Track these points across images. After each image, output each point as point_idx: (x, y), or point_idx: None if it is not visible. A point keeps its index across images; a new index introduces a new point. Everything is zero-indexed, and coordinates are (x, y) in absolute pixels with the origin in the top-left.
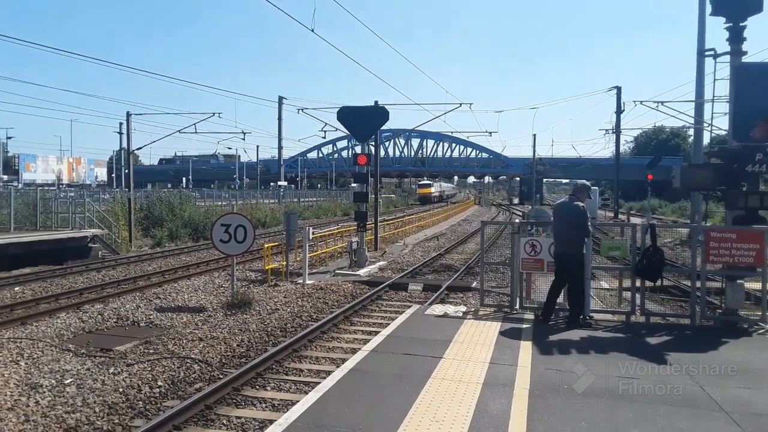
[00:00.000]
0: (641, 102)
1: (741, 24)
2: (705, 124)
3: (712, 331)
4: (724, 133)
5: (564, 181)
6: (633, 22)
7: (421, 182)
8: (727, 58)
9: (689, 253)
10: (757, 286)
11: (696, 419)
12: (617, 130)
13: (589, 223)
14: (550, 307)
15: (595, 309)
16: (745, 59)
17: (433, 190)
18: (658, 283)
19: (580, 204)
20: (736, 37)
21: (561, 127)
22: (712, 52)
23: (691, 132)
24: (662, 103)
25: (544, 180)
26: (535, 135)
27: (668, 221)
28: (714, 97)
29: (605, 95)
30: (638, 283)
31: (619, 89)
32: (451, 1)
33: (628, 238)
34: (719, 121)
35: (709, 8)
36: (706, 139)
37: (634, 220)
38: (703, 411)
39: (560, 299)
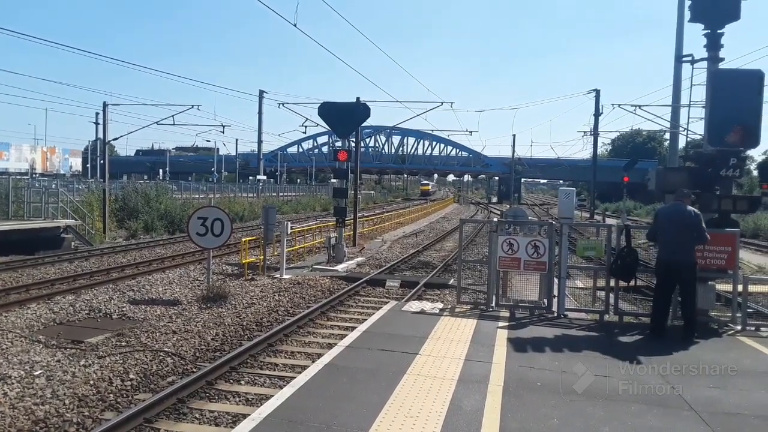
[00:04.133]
0: (619, 105)
1: (718, 31)
2: (681, 129)
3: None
4: (699, 137)
5: (542, 181)
6: (613, 26)
7: (422, 182)
8: (705, 64)
9: None
10: (728, 287)
11: (666, 418)
12: (595, 133)
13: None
14: (663, 320)
15: (570, 308)
16: (722, 65)
17: (429, 188)
18: (632, 283)
19: (695, 209)
20: (713, 44)
21: (540, 128)
22: (689, 58)
23: (667, 136)
24: (640, 107)
25: (523, 180)
26: (514, 135)
27: (643, 223)
28: (690, 102)
29: (584, 98)
30: (612, 283)
31: (597, 92)
32: (435, 2)
33: (604, 238)
34: (695, 126)
35: (687, 15)
36: (682, 143)
37: (610, 221)
38: (673, 410)
39: (534, 296)
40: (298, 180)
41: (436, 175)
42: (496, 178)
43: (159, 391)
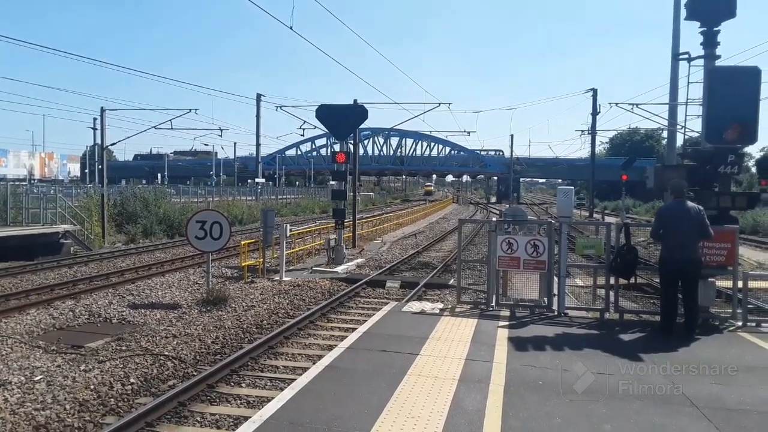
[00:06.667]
0: (617, 104)
1: (715, 28)
2: (678, 126)
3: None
4: (696, 135)
5: (541, 180)
6: (611, 25)
7: (426, 183)
8: (701, 61)
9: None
10: (728, 284)
11: (668, 415)
12: (593, 132)
13: None
14: (673, 318)
15: (570, 306)
16: (719, 63)
17: (432, 188)
18: (632, 280)
19: (698, 205)
20: (709, 41)
21: (538, 128)
22: (686, 56)
23: (665, 134)
24: (637, 105)
25: (522, 179)
26: (512, 135)
27: (642, 220)
28: (688, 99)
29: (582, 97)
30: (612, 281)
31: (595, 91)
32: (432, 2)
33: (603, 236)
34: (692, 124)
35: (684, 13)
36: (680, 141)
37: (609, 219)
38: (675, 406)
39: (534, 295)
40: (297, 182)
41: (434, 176)
42: (495, 178)
43: (160, 395)
